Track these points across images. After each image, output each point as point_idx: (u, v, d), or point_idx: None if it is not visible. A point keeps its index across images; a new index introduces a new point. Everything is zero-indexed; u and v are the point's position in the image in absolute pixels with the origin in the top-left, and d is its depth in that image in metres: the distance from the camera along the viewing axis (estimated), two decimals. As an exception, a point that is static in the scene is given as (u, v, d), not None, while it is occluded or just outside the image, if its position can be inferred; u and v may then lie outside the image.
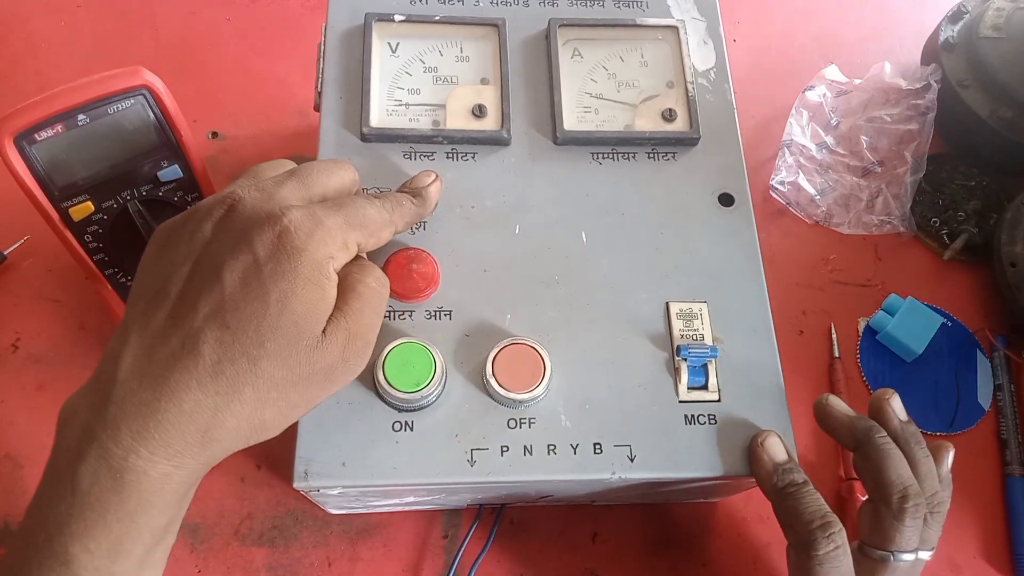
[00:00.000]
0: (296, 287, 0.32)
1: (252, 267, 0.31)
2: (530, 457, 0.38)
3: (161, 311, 0.32)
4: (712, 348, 0.40)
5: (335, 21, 0.47)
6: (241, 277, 0.31)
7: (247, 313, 0.31)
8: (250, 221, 0.32)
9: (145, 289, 0.33)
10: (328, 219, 0.33)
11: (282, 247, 0.32)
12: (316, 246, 0.32)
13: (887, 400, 0.41)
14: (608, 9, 0.49)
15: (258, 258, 0.32)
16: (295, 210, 0.33)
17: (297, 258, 0.32)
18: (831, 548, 0.35)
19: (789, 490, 0.37)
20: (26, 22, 0.65)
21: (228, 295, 0.31)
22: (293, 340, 0.32)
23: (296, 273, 0.32)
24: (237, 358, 0.31)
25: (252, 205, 0.33)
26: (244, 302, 0.31)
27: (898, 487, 0.38)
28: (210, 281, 0.32)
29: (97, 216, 0.43)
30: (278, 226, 0.32)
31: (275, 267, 0.31)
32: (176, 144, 0.44)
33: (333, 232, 0.33)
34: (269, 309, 0.31)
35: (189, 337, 0.31)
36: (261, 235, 0.32)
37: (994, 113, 0.61)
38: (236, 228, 0.33)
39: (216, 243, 0.33)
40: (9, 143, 0.40)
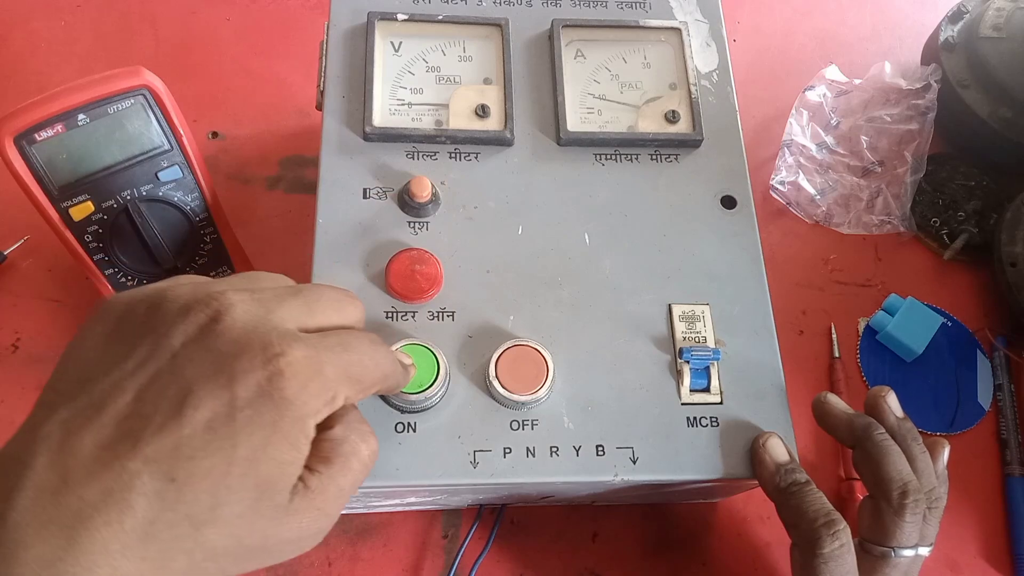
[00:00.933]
0: (271, 444, 0.26)
1: (225, 409, 0.25)
2: (533, 459, 0.38)
3: (89, 430, 0.24)
4: (714, 351, 0.40)
5: (338, 20, 0.47)
6: (207, 417, 0.25)
7: (203, 467, 0.24)
8: (237, 346, 0.26)
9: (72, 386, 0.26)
10: (329, 367, 0.27)
11: (269, 394, 0.26)
12: (307, 400, 0.26)
13: (883, 397, 0.41)
14: (611, 10, 0.49)
15: (235, 399, 0.25)
16: (297, 347, 0.26)
17: (283, 410, 0.26)
18: (836, 546, 0.36)
19: (792, 490, 0.37)
20: (26, 22, 0.64)
21: (185, 438, 0.24)
22: (250, 509, 0.26)
23: (276, 428, 0.26)
24: (177, 521, 0.24)
25: (243, 322, 0.27)
26: (203, 452, 0.24)
27: (898, 483, 0.38)
28: (165, 411, 0.25)
29: (97, 216, 0.43)
30: (271, 366, 0.26)
31: (253, 416, 0.25)
32: (176, 144, 0.44)
33: (330, 384, 0.27)
34: (232, 467, 0.25)
35: (122, 479, 0.24)
36: (248, 371, 0.26)
37: (994, 113, 0.61)
38: (218, 349, 0.26)
39: (186, 361, 0.26)
40: (9, 143, 0.39)
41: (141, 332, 0.27)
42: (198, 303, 0.27)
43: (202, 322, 0.26)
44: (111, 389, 0.25)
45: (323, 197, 0.42)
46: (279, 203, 0.58)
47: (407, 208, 0.42)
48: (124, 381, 0.25)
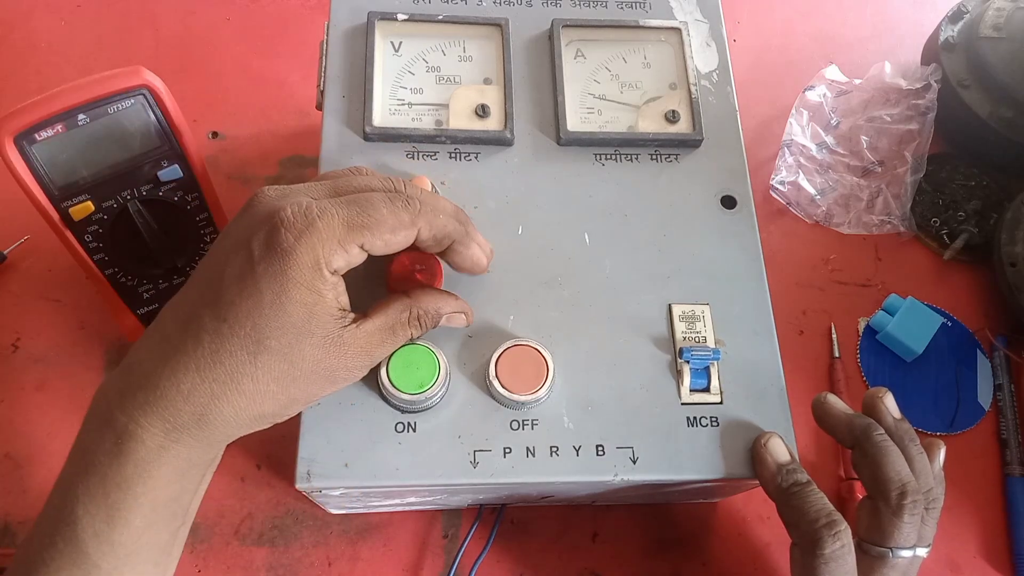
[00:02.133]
0: (288, 290, 0.31)
1: (247, 265, 0.31)
2: (533, 459, 0.38)
3: (187, 292, 0.33)
4: (714, 351, 0.40)
5: (338, 20, 0.47)
6: (237, 274, 0.32)
7: (243, 309, 0.31)
8: (255, 218, 0.33)
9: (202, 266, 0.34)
10: (323, 218, 0.32)
11: (271, 247, 0.31)
12: (305, 248, 0.31)
13: (880, 398, 0.41)
14: (611, 10, 0.49)
15: (252, 256, 0.31)
16: (290, 207, 0.32)
17: (285, 260, 0.31)
18: (837, 546, 0.36)
19: (793, 490, 0.37)
20: (26, 22, 0.64)
21: (224, 289, 0.31)
22: (295, 340, 0.32)
23: (286, 276, 0.31)
24: (236, 351, 0.31)
25: (264, 202, 0.33)
26: (239, 299, 0.31)
27: (896, 484, 0.38)
28: (213, 272, 0.32)
29: (97, 216, 0.43)
30: (271, 222, 0.32)
31: (267, 268, 0.31)
32: (176, 144, 0.44)
33: (325, 233, 0.32)
34: (264, 309, 0.31)
35: (192, 321, 0.32)
36: (257, 233, 0.32)
37: (994, 113, 0.61)
38: (244, 224, 0.33)
39: (227, 237, 0.33)
40: (9, 143, 0.39)
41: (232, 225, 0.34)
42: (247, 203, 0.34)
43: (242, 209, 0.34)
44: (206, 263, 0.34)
45: (323, 197, 0.42)
46: (279, 203, 0.58)
47: (407, 208, 0.42)
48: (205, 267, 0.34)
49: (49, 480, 0.47)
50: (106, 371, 0.51)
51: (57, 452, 0.49)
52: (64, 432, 0.49)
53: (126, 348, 0.51)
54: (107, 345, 0.52)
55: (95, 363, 0.51)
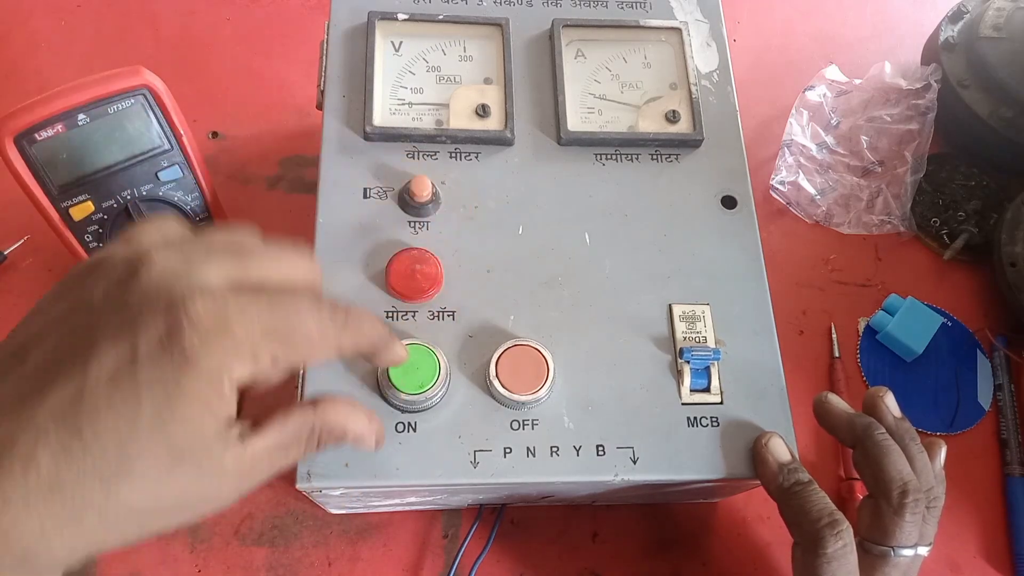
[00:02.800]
0: (175, 404, 0.24)
1: (126, 364, 0.24)
2: (533, 459, 0.38)
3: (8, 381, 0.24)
4: (715, 351, 0.40)
5: (338, 19, 0.47)
6: (110, 373, 0.24)
7: (108, 424, 0.24)
8: (146, 297, 0.25)
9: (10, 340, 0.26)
10: (240, 322, 0.26)
11: (168, 348, 0.24)
12: (212, 356, 0.25)
13: (881, 397, 0.41)
14: (611, 10, 0.49)
15: (137, 353, 0.24)
16: (201, 300, 0.25)
17: (183, 369, 0.24)
18: (839, 546, 0.36)
19: (795, 489, 0.37)
20: (26, 22, 0.64)
21: (88, 390, 0.24)
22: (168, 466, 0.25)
23: (178, 387, 0.24)
24: (86, 478, 0.23)
25: (159, 275, 0.26)
26: (107, 407, 0.24)
27: (898, 482, 0.38)
28: (72, 366, 0.24)
29: (97, 216, 0.43)
30: (171, 318, 0.25)
31: (153, 373, 0.24)
32: (176, 144, 0.44)
33: (241, 341, 0.25)
34: (139, 423, 0.24)
35: (24, 432, 0.23)
36: (151, 323, 0.24)
37: (994, 113, 0.61)
38: (127, 302, 0.25)
39: (98, 316, 0.25)
40: (9, 143, 0.39)
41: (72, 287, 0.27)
42: (124, 259, 0.26)
43: (119, 276, 0.26)
44: (32, 342, 0.25)
45: (323, 197, 0.42)
46: (279, 203, 0.58)
47: (407, 208, 0.42)
48: (45, 334, 0.25)
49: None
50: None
51: (57, 452, 0.48)
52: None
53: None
54: (107, 345, 0.52)
55: (95, 363, 0.51)
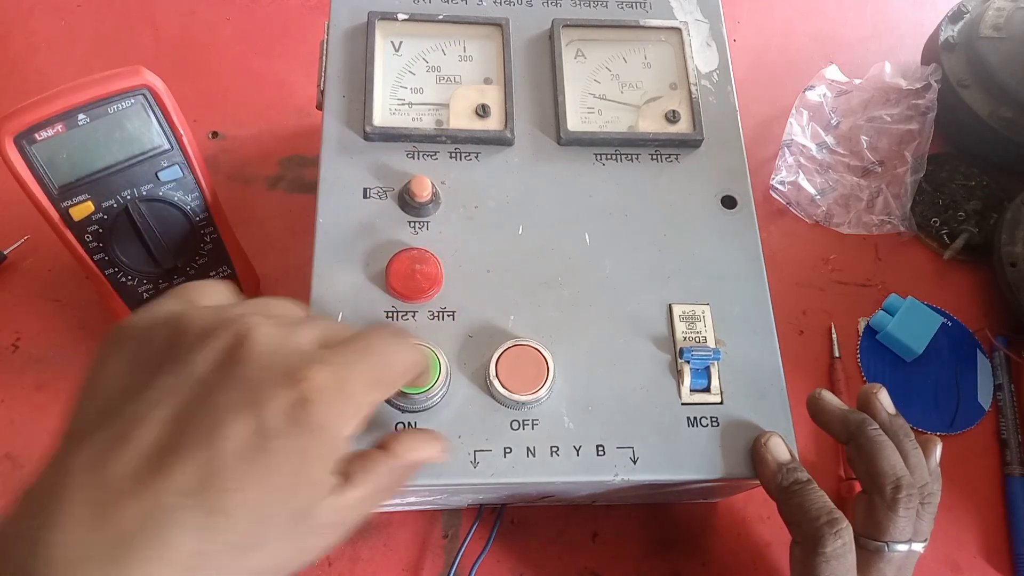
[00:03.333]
0: (305, 469, 0.26)
1: (257, 437, 0.25)
2: (533, 459, 0.38)
3: (121, 462, 0.24)
4: (715, 351, 0.40)
5: (338, 19, 0.47)
6: (240, 448, 0.24)
7: (242, 497, 0.24)
8: (262, 371, 0.26)
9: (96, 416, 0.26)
10: (354, 381, 0.27)
11: (299, 421, 0.25)
12: (335, 421, 0.26)
13: (875, 394, 0.42)
14: (611, 10, 0.49)
15: (266, 428, 0.25)
16: (319, 371, 0.26)
17: (315, 437, 0.26)
18: (838, 544, 0.36)
19: (794, 488, 0.37)
20: (26, 22, 0.64)
21: (219, 467, 0.24)
22: (290, 530, 0.26)
23: (308, 453, 0.26)
24: (221, 551, 0.24)
25: (265, 345, 0.26)
26: (241, 483, 0.24)
27: (891, 477, 0.38)
28: (197, 443, 0.24)
29: (97, 216, 0.43)
30: (296, 391, 0.25)
31: (285, 444, 0.25)
32: (176, 144, 0.44)
33: (357, 399, 0.27)
34: (270, 495, 0.25)
35: (159, 513, 0.23)
36: (276, 396, 0.25)
37: (994, 113, 0.61)
38: (243, 375, 0.26)
39: (212, 388, 0.25)
40: (9, 143, 0.39)
41: (163, 359, 0.26)
42: (219, 327, 0.26)
43: (225, 347, 0.26)
44: (137, 419, 0.25)
45: (323, 197, 0.42)
46: (279, 203, 0.58)
47: (407, 208, 0.42)
48: (150, 411, 0.25)
49: (49, 480, 0.48)
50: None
51: (57, 452, 0.49)
52: (64, 432, 0.49)
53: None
54: (107, 345, 0.52)
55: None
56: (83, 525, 0.23)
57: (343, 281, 0.40)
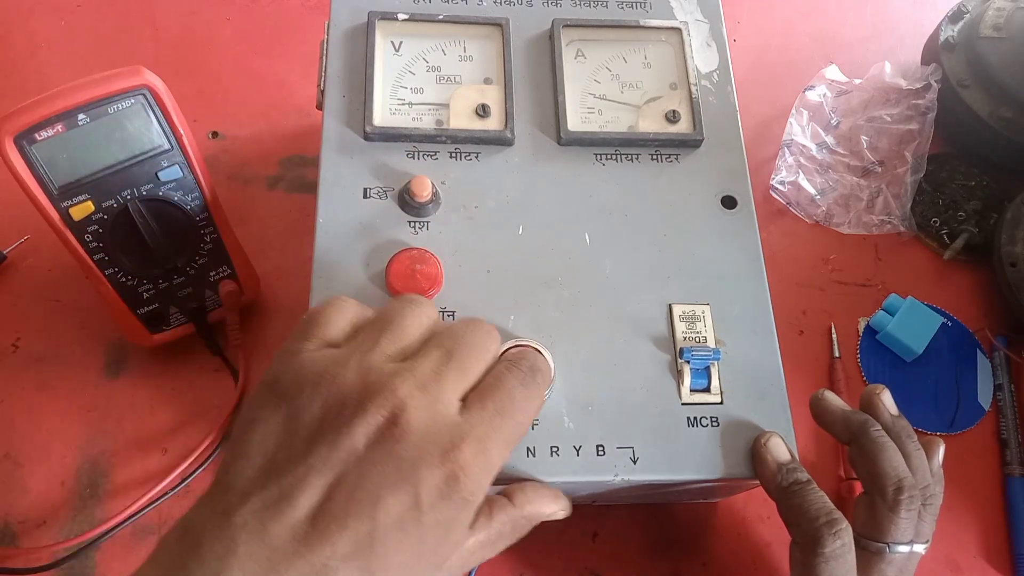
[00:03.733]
0: (451, 534, 0.29)
1: (412, 510, 0.27)
2: (533, 459, 0.38)
3: (283, 523, 0.26)
4: (715, 351, 0.40)
5: (338, 19, 0.47)
6: (397, 521, 0.27)
7: (395, 562, 0.27)
8: (418, 450, 0.28)
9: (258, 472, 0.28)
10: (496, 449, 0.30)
11: (450, 496, 0.28)
12: (481, 491, 0.29)
13: (878, 395, 0.42)
14: (612, 10, 0.49)
15: (420, 502, 0.27)
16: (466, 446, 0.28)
17: (463, 508, 0.29)
18: (838, 545, 0.36)
19: (794, 488, 0.37)
20: (26, 22, 0.64)
21: (379, 538, 0.27)
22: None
23: (456, 522, 0.29)
24: None
25: (420, 425, 0.28)
26: (395, 550, 0.27)
27: (893, 479, 0.38)
28: (358, 514, 0.27)
29: (97, 216, 0.43)
30: (448, 468, 0.28)
31: (438, 516, 0.28)
32: (176, 144, 0.44)
33: (497, 466, 0.30)
34: (421, 559, 0.28)
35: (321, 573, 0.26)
36: (430, 475, 0.28)
37: (994, 113, 0.61)
38: (400, 455, 0.28)
39: (371, 465, 0.27)
40: (9, 143, 0.39)
41: (321, 427, 0.28)
42: (372, 399, 0.28)
43: (380, 424, 0.28)
44: (298, 483, 0.27)
45: (323, 197, 0.42)
46: (279, 203, 0.58)
47: (407, 208, 0.42)
48: (310, 476, 0.27)
49: (49, 480, 0.48)
50: (106, 372, 0.51)
51: (57, 452, 0.49)
52: (64, 432, 0.49)
53: (126, 348, 0.51)
54: (107, 345, 0.52)
55: (95, 363, 0.51)
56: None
57: (343, 281, 0.40)
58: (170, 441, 0.49)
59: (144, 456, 0.49)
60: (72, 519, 0.47)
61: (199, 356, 0.51)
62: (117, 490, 0.48)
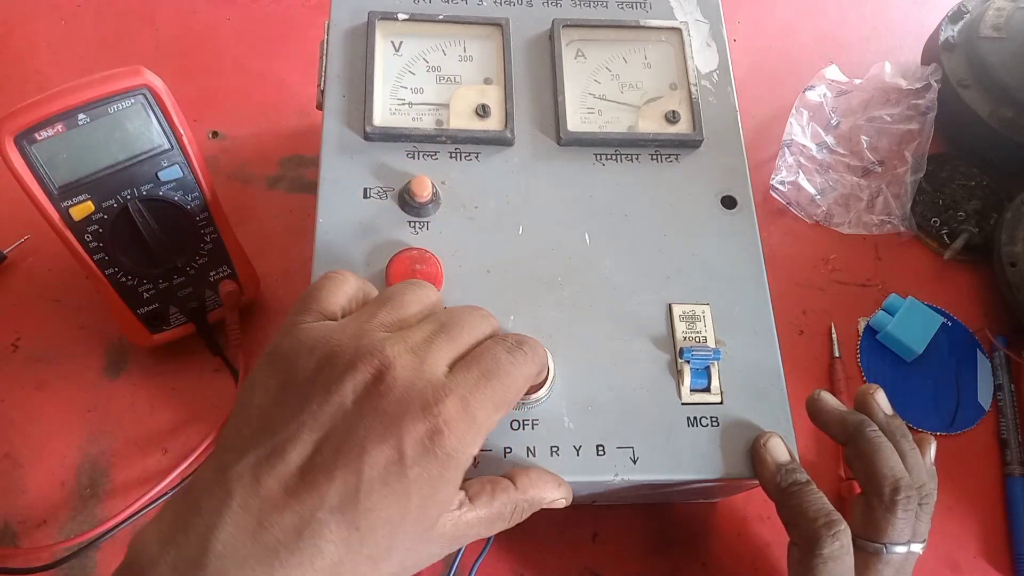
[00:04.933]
0: (438, 492, 0.29)
1: (396, 464, 0.28)
2: (533, 459, 0.38)
3: (274, 476, 0.27)
4: (715, 351, 0.40)
5: (338, 19, 0.47)
6: (382, 473, 0.28)
7: (382, 516, 0.28)
8: (401, 405, 0.29)
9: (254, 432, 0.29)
10: (480, 408, 0.30)
11: (434, 450, 0.28)
12: (467, 449, 0.30)
13: (872, 394, 0.42)
14: (612, 10, 0.49)
15: (404, 456, 0.28)
16: (449, 401, 0.29)
17: (447, 464, 0.29)
18: (836, 546, 0.36)
19: (793, 489, 0.37)
20: (26, 22, 0.64)
21: (364, 491, 0.27)
22: (417, 542, 0.30)
23: (442, 479, 0.29)
24: (360, 562, 0.28)
25: (405, 380, 0.29)
26: (381, 504, 0.28)
27: (890, 479, 0.38)
28: (344, 466, 0.27)
29: (97, 216, 0.43)
30: (431, 422, 0.29)
31: (422, 471, 0.28)
32: (176, 144, 0.44)
33: (483, 425, 0.30)
34: (407, 515, 0.28)
35: (309, 525, 0.27)
36: (413, 428, 0.28)
37: (994, 113, 0.61)
38: (384, 409, 0.29)
39: (357, 419, 0.28)
40: (9, 143, 0.39)
41: (313, 386, 0.29)
42: (362, 359, 0.29)
43: (367, 380, 0.29)
44: (290, 438, 0.28)
45: (323, 197, 0.42)
46: (279, 203, 0.58)
47: (407, 208, 0.42)
48: (301, 432, 0.28)
49: (49, 480, 0.48)
50: (106, 372, 0.51)
51: (57, 452, 0.49)
52: (64, 432, 0.49)
53: (126, 348, 0.52)
54: (107, 345, 0.52)
55: (95, 363, 0.51)
56: (245, 529, 0.26)
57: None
58: (170, 441, 0.49)
59: (144, 456, 0.49)
60: (72, 519, 0.47)
61: (199, 356, 0.51)
62: (117, 490, 0.48)
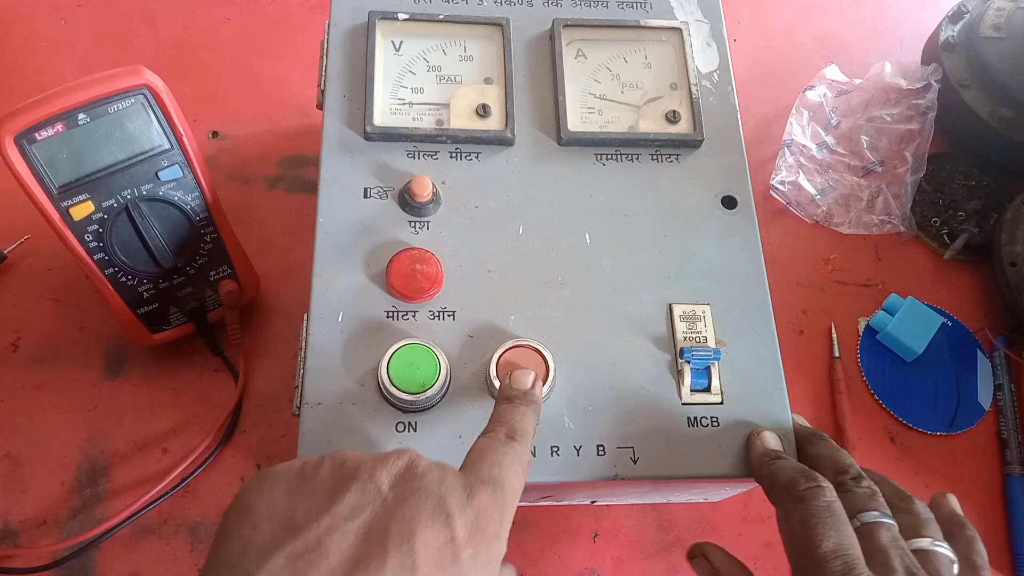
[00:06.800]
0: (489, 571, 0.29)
1: (449, 546, 0.27)
2: (533, 459, 0.38)
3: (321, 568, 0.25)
4: (715, 351, 0.40)
5: (339, 19, 0.47)
6: (436, 556, 0.27)
7: None
8: (443, 486, 0.28)
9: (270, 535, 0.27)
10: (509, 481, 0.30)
11: (481, 531, 0.28)
12: (507, 526, 0.29)
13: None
14: (612, 10, 0.49)
15: (456, 537, 0.27)
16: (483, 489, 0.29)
17: (495, 546, 0.29)
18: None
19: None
20: (26, 22, 0.64)
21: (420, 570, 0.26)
22: None
23: (492, 562, 0.29)
24: None
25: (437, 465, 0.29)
26: None
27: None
28: (398, 549, 0.26)
29: (97, 216, 0.43)
30: (475, 502, 0.28)
31: (475, 554, 0.28)
32: (176, 144, 0.44)
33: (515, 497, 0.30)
34: None
35: None
36: (460, 509, 0.28)
37: (994, 113, 0.61)
38: (427, 488, 0.28)
39: (400, 501, 0.28)
40: (9, 142, 0.39)
41: (341, 483, 0.28)
42: (386, 455, 0.29)
43: (402, 466, 0.29)
44: (329, 533, 0.26)
45: (323, 197, 0.42)
46: (279, 203, 0.58)
47: (408, 207, 0.42)
48: (341, 525, 0.27)
49: (49, 480, 0.48)
50: (106, 372, 0.51)
51: (57, 452, 0.49)
52: (64, 432, 0.49)
53: (126, 348, 0.52)
54: (107, 345, 0.52)
55: (95, 363, 0.51)
56: None
57: (343, 281, 0.40)
58: (170, 441, 0.49)
59: (144, 456, 0.49)
60: (72, 519, 0.47)
61: (199, 356, 0.51)
62: (117, 490, 0.48)
